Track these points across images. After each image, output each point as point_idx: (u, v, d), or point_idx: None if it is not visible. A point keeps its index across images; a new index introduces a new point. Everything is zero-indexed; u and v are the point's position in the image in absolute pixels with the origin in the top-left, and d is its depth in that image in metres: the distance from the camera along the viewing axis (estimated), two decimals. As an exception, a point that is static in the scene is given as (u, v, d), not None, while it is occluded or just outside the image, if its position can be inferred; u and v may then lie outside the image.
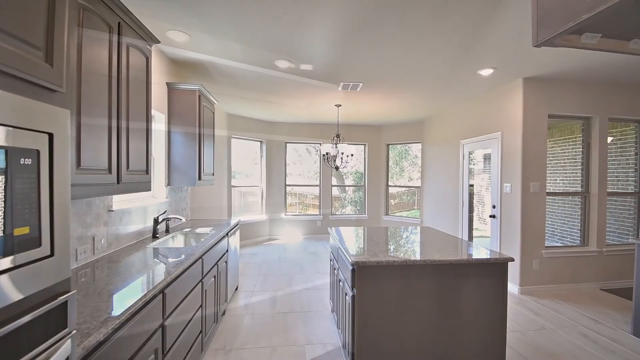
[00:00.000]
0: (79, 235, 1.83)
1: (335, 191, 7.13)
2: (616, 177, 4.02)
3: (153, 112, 2.78)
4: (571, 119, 3.87)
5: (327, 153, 4.77)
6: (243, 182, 6.32)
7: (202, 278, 2.24)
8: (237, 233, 3.54)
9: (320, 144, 6.79)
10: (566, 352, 2.44)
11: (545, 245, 3.72)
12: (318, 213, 6.88)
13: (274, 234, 6.64)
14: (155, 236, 2.61)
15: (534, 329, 2.82)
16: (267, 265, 4.67)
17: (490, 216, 4.16)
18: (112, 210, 2.16)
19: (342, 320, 2.36)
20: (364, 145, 6.99)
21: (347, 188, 7.30)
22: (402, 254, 2.09)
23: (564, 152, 4.19)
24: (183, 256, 2.03)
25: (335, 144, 4.75)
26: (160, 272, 1.70)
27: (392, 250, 2.22)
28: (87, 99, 1.45)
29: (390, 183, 6.99)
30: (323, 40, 2.66)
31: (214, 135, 3.53)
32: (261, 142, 6.45)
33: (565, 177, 4.13)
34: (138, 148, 1.89)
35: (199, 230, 2.94)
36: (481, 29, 2.44)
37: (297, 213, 6.92)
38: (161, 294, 1.58)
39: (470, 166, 4.79)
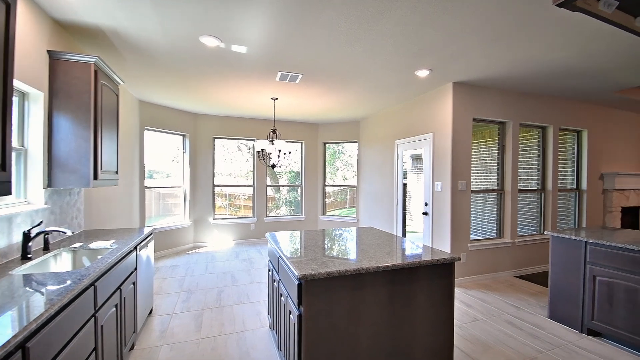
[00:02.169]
0: None
1: (270, 191, 6.71)
2: (518, 176, 4.53)
3: (22, 86, 2.04)
4: (490, 123, 4.22)
5: (262, 150, 4.36)
6: (162, 183, 5.45)
7: (96, 311, 1.66)
8: (152, 244, 2.91)
9: (254, 140, 6.30)
10: (499, 342, 2.54)
11: (470, 239, 3.99)
12: (252, 215, 6.37)
13: (200, 241, 5.90)
14: (26, 257, 1.90)
15: (468, 321, 2.91)
16: (191, 279, 4.04)
17: (423, 213, 4.30)
18: (-58, 225, 1.44)
19: (284, 341, 2.03)
20: (301, 143, 6.74)
21: (281, 188, 6.94)
22: (352, 261, 1.86)
23: (476, 154, 4.57)
24: (69, 282, 1.46)
25: (272, 140, 4.36)
26: (24, 314, 1.14)
27: (340, 256, 1.97)
28: None
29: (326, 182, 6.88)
30: (259, 18, 2.28)
31: (118, 124, 2.83)
32: (184, 136, 5.65)
33: (478, 176, 4.50)
34: (-19, 131, 1.27)
35: (95, 244, 2.27)
36: (423, 26, 2.37)
37: (228, 216, 6.30)
38: (20, 351, 1.04)
39: (404, 167, 4.91)
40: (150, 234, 2.87)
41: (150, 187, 5.07)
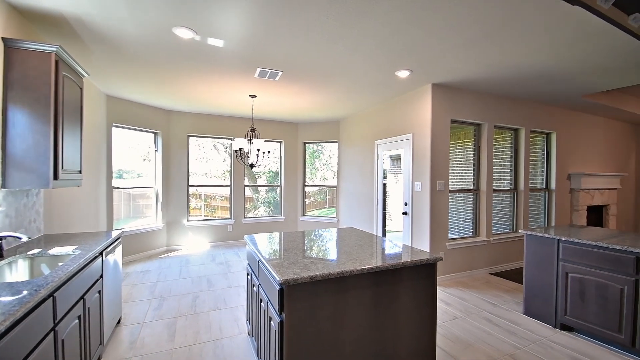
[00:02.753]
0: None
1: (248, 192, 6.54)
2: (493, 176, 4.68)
3: (-33, 74, 1.82)
4: (467, 124, 4.33)
5: (240, 149, 4.22)
6: (132, 183, 5.16)
7: (56, 325, 1.50)
8: (120, 248, 2.72)
9: (231, 139, 6.11)
10: (479, 339, 2.58)
11: (448, 237, 4.06)
12: (229, 216, 6.18)
13: (173, 244, 5.64)
14: (-28, 266, 1.69)
15: (448, 319, 2.94)
16: (164, 284, 3.83)
17: (403, 213, 4.33)
18: None
19: (264, 348, 1.94)
20: (280, 142, 6.62)
21: (259, 188, 6.79)
22: (335, 263, 1.81)
23: (452, 155, 4.67)
24: (25, 293, 1.31)
25: (250, 139, 4.24)
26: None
27: (322, 259, 1.91)
28: None
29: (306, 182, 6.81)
30: (238, 11, 2.17)
31: (82, 119, 2.62)
32: (156, 134, 5.38)
33: (454, 176, 4.61)
34: None
35: (55, 250, 2.07)
36: (407, 24, 2.36)
37: (203, 217, 6.07)
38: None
39: (384, 166, 4.94)
40: (119, 238, 2.68)
41: (118, 188, 4.77)
